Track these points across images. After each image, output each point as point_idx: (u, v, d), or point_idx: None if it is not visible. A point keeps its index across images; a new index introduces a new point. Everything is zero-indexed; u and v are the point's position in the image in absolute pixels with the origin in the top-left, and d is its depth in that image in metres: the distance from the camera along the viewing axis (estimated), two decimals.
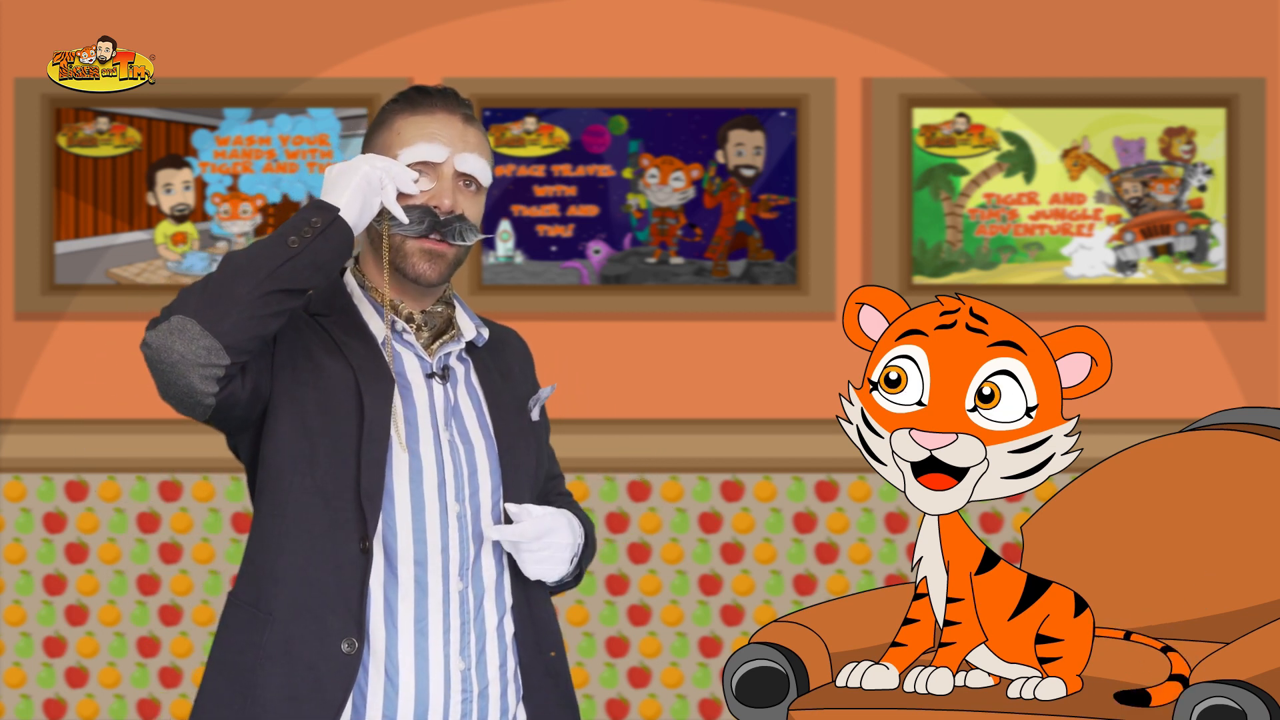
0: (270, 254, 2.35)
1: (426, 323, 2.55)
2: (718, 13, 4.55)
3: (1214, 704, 3.05)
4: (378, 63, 4.53)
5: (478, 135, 2.57)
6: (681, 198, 4.56)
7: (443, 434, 2.50)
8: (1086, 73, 4.54)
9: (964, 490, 3.08)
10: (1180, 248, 4.55)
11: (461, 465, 2.50)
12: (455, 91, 2.61)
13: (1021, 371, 3.06)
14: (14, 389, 4.54)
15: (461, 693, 2.48)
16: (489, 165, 2.57)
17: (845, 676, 3.16)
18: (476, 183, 2.55)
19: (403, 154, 2.51)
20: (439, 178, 2.52)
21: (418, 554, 2.46)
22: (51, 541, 4.53)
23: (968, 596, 3.12)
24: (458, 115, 2.56)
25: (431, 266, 2.51)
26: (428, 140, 2.52)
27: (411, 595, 2.45)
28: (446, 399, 2.53)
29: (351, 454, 2.42)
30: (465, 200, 2.53)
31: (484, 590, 2.51)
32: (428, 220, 2.49)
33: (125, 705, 4.53)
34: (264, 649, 2.42)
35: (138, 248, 4.54)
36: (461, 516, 2.49)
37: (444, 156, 2.51)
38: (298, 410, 2.44)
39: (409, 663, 2.45)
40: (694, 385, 4.53)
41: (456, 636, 2.48)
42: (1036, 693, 3.10)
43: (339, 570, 2.42)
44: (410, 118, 2.55)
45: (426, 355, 2.54)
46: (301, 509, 2.43)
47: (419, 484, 2.47)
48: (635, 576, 4.54)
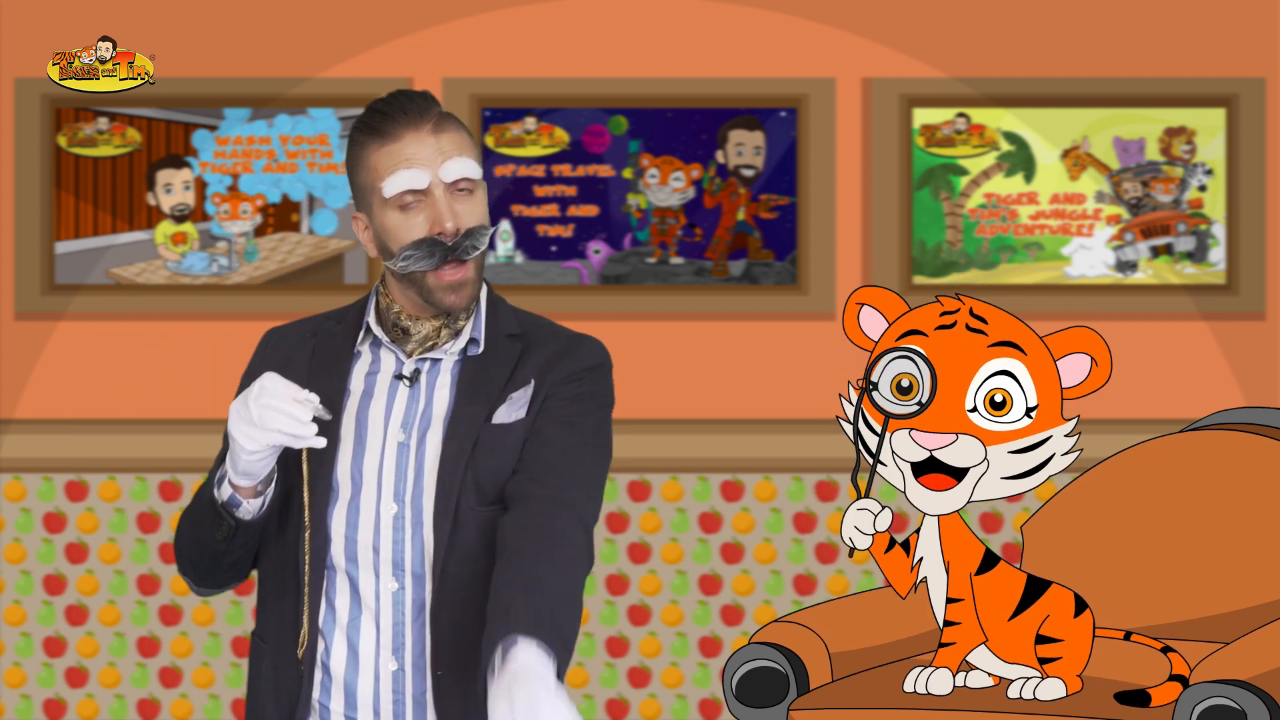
0: (207, 545, 2.48)
1: (415, 330, 2.52)
2: (718, 13, 4.55)
3: (1214, 704, 3.05)
4: (378, 63, 4.52)
5: (452, 137, 2.47)
6: (681, 198, 4.56)
7: (394, 435, 2.48)
8: (1086, 73, 4.53)
9: (964, 490, 3.09)
10: (1180, 248, 4.55)
11: (407, 468, 2.47)
12: (414, 96, 2.50)
13: (1021, 372, 3.06)
14: (14, 389, 4.54)
15: (393, 693, 2.47)
16: (474, 159, 2.47)
17: (913, 681, 3.15)
18: (470, 183, 2.46)
19: (385, 187, 2.45)
20: (431, 200, 2.44)
21: (348, 552, 2.47)
22: (51, 541, 4.53)
23: (968, 597, 3.12)
24: (425, 127, 2.45)
25: (459, 296, 2.47)
26: (405, 168, 2.43)
27: (346, 592, 2.47)
28: (412, 401, 2.50)
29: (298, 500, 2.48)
30: (464, 208, 2.46)
31: (426, 596, 2.46)
32: (438, 252, 2.44)
33: (125, 705, 4.53)
34: (263, 678, 2.52)
35: (138, 248, 4.54)
36: (398, 517, 2.46)
37: (426, 182, 2.43)
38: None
39: (340, 656, 2.48)
40: (694, 385, 4.53)
41: (389, 637, 2.46)
42: (1036, 693, 3.10)
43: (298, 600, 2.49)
44: (380, 149, 2.46)
45: (404, 357, 2.52)
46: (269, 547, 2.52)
47: (357, 483, 2.48)
48: (635, 576, 4.54)
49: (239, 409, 2.35)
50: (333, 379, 2.50)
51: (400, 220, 2.45)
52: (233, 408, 2.36)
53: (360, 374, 2.52)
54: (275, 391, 2.33)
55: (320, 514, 2.46)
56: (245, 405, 2.34)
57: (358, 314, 2.58)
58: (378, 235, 2.49)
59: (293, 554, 2.48)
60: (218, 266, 4.54)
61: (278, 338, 2.61)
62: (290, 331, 2.61)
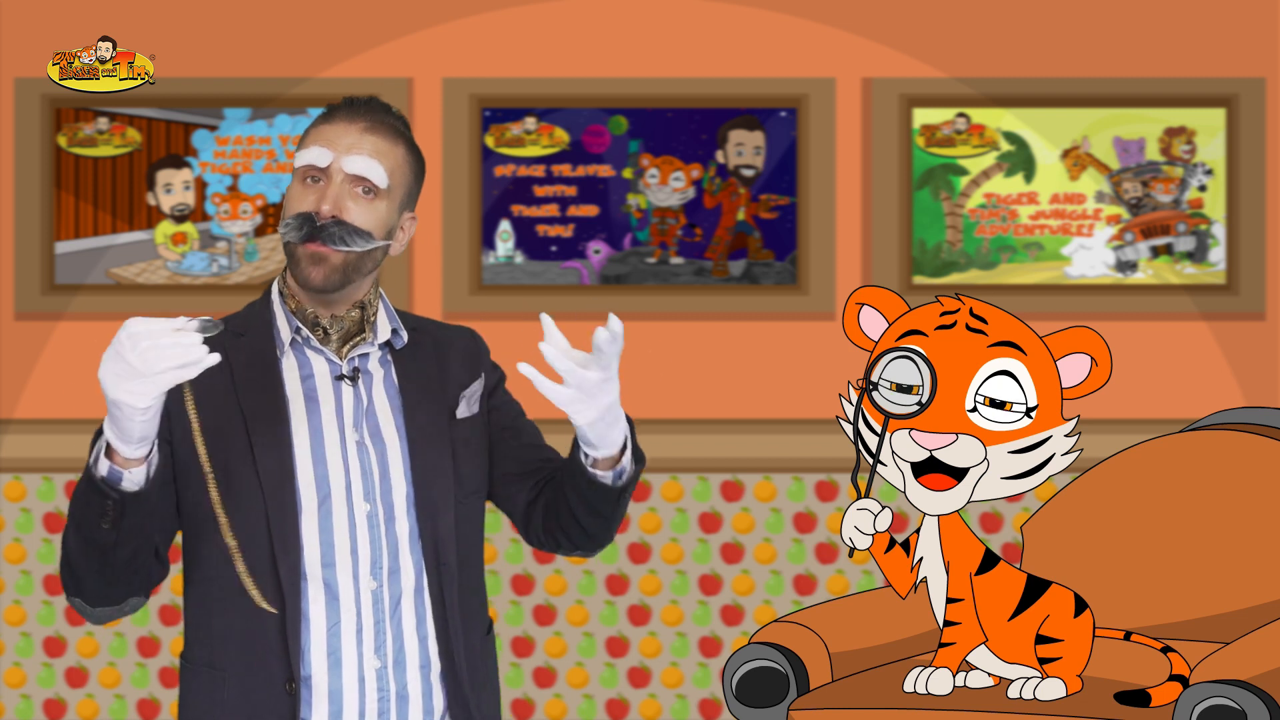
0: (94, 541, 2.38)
1: (334, 326, 2.54)
2: (718, 13, 4.55)
3: (1214, 704, 3.05)
4: (378, 63, 4.53)
5: (378, 141, 2.52)
6: (681, 198, 4.56)
7: (350, 435, 2.51)
8: (1086, 73, 4.54)
9: (964, 490, 3.08)
10: (1180, 248, 4.55)
11: (371, 465, 2.51)
12: (371, 102, 2.57)
13: (1021, 372, 3.06)
14: (14, 389, 4.54)
15: (377, 691, 2.49)
16: (387, 170, 2.51)
17: (913, 682, 3.15)
18: (371, 186, 2.50)
19: (297, 156, 2.52)
20: (327, 182, 2.50)
21: (325, 557, 2.48)
22: (51, 541, 4.53)
23: (968, 597, 3.12)
24: (359, 122, 2.52)
25: (316, 270, 2.48)
26: (319, 144, 2.51)
27: (322, 599, 2.47)
28: (357, 400, 2.53)
29: (260, 517, 2.46)
30: (355, 205, 2.49)
31: (402, 590, 2.50)
32: (305, 227, 2.48)
33: (125, 705, 4.53)
34: (227, 705, 2.47)
35: (138, 248, 4.54)
36: (372, 516, 2.50)
37: (327, 161, 2.49)
38: (194, 489, 2.49)
39: (321, 666, 2.47)
40: (694, 385, 4.53)
41: (370, 636, 2.49)
42: (1036, 693, 3.10)
43: (278, 618, 2.46)
44: (315, 127, 2.54)
45: (337, 358, 2.54)
46: (221, 571, 2.47)
47: (325, 488, 2.49)
48: (635, 576, 4.54)
49: (115, 368, 2.28)
50: (266, 391, 2.51)
51: (297, 191, 2.52)
52: (105, 372, 2.29)
53: (293, 380, 2.53)
54: (150, 331, 2.26)
55: (292, 526, 2.46)
56: (121, 360, 2.27)
57: (260, 322, 2.56)
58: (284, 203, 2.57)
59: (264, 572, 2.45)
60: (218, 266, 4.54)
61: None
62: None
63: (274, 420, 2.48)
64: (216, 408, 2.49)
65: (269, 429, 2.48)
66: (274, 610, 2.44)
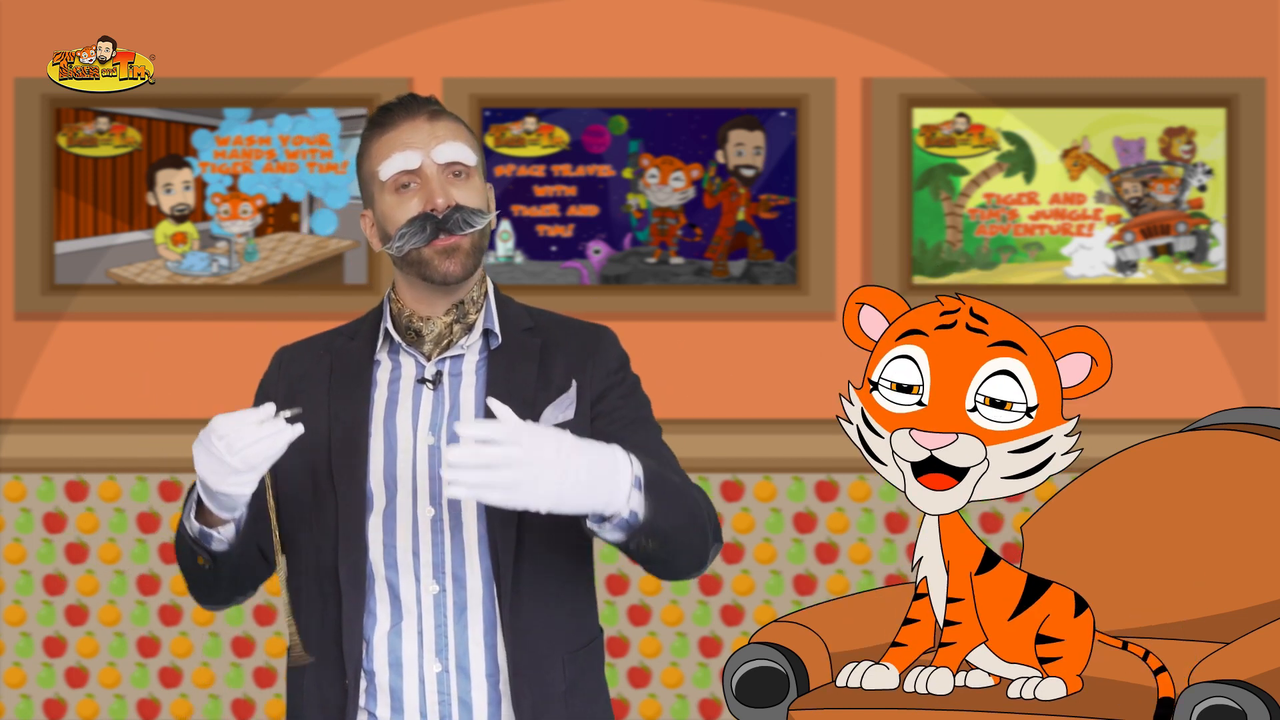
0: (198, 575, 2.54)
1: (427, 330, 2.55)
2: (718, 13, 4.55)
3: (1214, 704, 3.05)
4: (378, 63, 4.53)
5: (448, 125, 2.56)
6: (681, 198, 4.56)
7: (424, 439, 2.51)
8: (1086, 73, 4.54)
9: (964, 490, 3.09)
10: (1180, 248, 4.55)
11: (440, 470, 2.49)
12: (416, 96, 2.60)
13: (1022, 371, 3.06)
14: (14, 389, 4.54)
15: (438, 694, 2.49)
16: (469, 146, 2.56)
17: (845, 676, 3.16)
18: (462, 167, 2.54)
19: (382, 170, 2.53)
20: (424, 180, 2.52)
21: (388, 559, 2.50)
22: (51, 541, 4.53)
23: (968, 596, 3.12)
24: (421, 116, 2.55)
25: (453, 262, 2.52)
26: (400, 150, 2.53)
27: (386, 600, 2.50)
28: (437, 404, 2.53)
29: (332, 516, 2.51)
30: (457, 189, 2.53)
31: (467, 597, 2.49)
32: (429, 226, 2.51)
33: (125, 705, 4.53)
34: (306, 692, 2.54)
35: (138, 248, 4.54)
36: (436, 520, 2.49)
37: (418, 161, 2.52)
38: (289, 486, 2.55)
39: (384, 662, 2.50)
40: (694, 385, 4.53)
41: (431, 640, 2.49)
42: (1036, 693, 3.10)
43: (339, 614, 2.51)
44: (380, 138, 2.56)
45: (424, 360, 2.55)
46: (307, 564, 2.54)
47: (392, 489, 2.50)
48: (635, 577, 4.54)
49: (212, 465, 2.33)
50: (354, 393, 2.55)
51: (396, 202, 2.53)
52: (204, 470, 2.34)
53: (383, 382, 2.56)
54: (238, 432, 2.32)
55: (358, 525, 2.50)
56: (215, 459, 2.32)
57: (372, 326, 2.61)
58: (379, 222, 2.57)
59: (330, 568, 2.50)
60: (218, 266, 4.54)
61: (291, 356, 2.64)
62: (303, 349, 2.65)
63: (355, 422, 2.52)
64: (311, 410, 2.52)
65: (348, 430, 2.52)
66: (311, 659, 2.50)
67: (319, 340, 2.65)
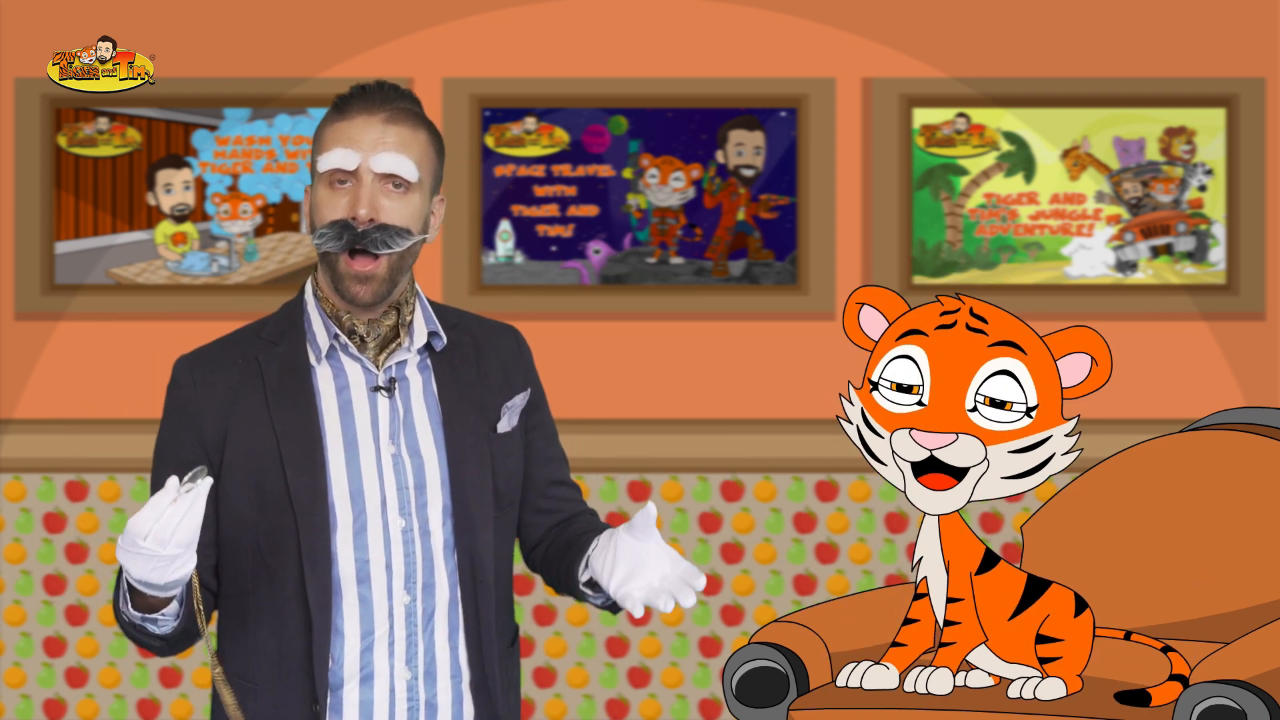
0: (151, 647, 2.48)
1: (370, 333, 2.48)
2: (718, 13, 4.55)
3: (1214, 704, 3.05)
4: (378, 63, 4.52)
5: (401, 132, 2.44)
6: (681, 198, 4.56)
7: (386, 449, 2.46)
8: (1086, 73, 4.53)
9: (964, 490, 3.08)
10: (1180, 248, 4.55)
11: (407, 479, 2.46)
12: (383, 86, 2.49)
13: (1022, 371, 3.06)
14: (14, 389, 4.54)
15: (407, 702, 2.48)
16: (415, 161, 2.43)
17: (845, 676, 3.16)
18: (401, 181, 2.43)
19: (320, 161, 2.44)
20: (357, 184, 2.42)
21: (360, 572, 2.45)
22: (51, 541, 4.53)
23: (968, 596, 3.12)
24: (379, 115, 2.44)
25: (364, 288, 2.42)
26: (342, 146, 2.42)
27: (356, 612, 2.45)
28: (393, 412, 2.47)
29: (291, 536, 2.43)
30: (390, 202, 2.42)
31: (436, 603, 2.48)
32: (346, 235, 2.40)
33: (125, 705, 4.53)
34: (257, 717, 2.47)
35: (138, 248, 4.54)
36: (407, 531, 2.46)
37: (355, 163, 2.41)
38: (231, 507, 2.46)
39: (354, 676, 2.46)
40: (694, 385, 4.53)
41: (402, 649, 2.47)
42: (1036, 693, 3.10)
43: (306, 636, 2.44)
44: (332, 125, 2.46)
45: (374, 367, 2.48)
46: (258, 587, 2.47)
47: (360, 503, 2.44)
48: None
49: (157, 568, 2.23)
50: (298, 402, 2.45)
51: (327, 196, 2.44)
52: (139, 571, 2.24)
53: (328, 391, 2.47)
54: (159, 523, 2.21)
55: (323, 543, 2.43)
56: (157, 558, 2.22)
57: (295, 327, 2.51)
58: (311, 209, 2.47)
59: (294, 591, 2.43)
60: (218, 266, 4.54)
61: (204, 365, 2.52)
62: (216, 356, 2.53)
63: (307, 436, 2.43)
64: (250, 424, 2.44)
65: (301, 445, 2.43)
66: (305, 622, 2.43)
67: (231, 346, 2.53)
